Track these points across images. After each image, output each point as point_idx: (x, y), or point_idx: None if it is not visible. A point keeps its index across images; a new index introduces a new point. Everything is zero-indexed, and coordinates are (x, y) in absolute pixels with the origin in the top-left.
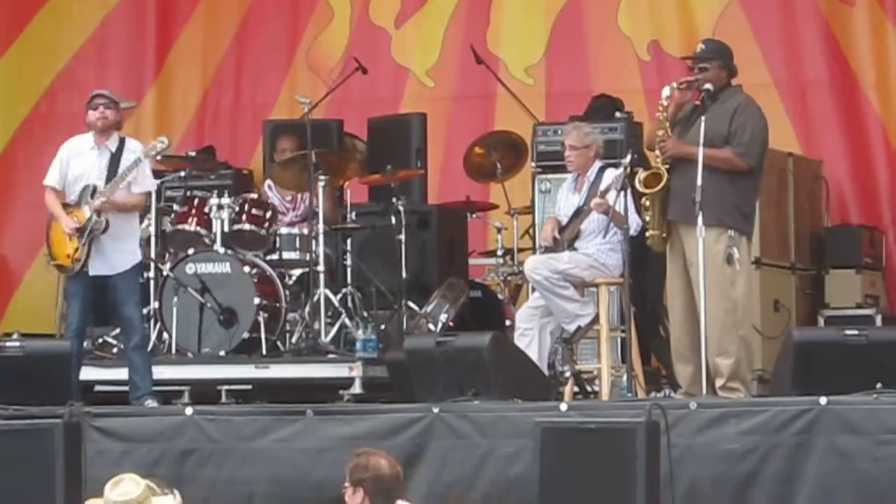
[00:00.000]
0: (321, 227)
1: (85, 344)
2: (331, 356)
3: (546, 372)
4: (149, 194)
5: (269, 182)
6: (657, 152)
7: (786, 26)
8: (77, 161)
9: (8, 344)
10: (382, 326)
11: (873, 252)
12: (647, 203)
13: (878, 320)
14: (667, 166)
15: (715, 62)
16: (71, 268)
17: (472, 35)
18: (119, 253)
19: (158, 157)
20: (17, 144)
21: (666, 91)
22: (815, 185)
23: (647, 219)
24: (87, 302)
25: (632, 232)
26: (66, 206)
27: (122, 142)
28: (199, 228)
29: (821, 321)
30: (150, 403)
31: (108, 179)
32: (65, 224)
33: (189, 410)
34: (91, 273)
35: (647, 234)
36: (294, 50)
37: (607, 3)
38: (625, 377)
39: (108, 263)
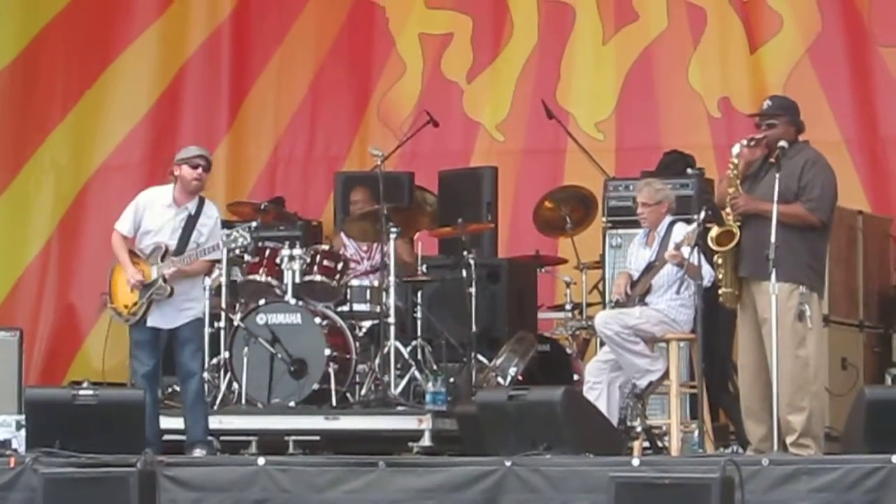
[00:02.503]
0: (392, 279)
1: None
2: (400, 408)
3: (616, 426)
4: (214, 263)
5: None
6: (728, 209)
7: (856, 84)
8: (152, 214)
9: (82, 392)
10: (452, 379)
11: None
12: (720, 261)
13: None
14: (738, 223)
15: (783, 118)
16: (126, 318)
17: (542, 89)
18: (177, 311)
19: (236, 252)
20: (88, 193)
21: (736, 149)
22: (885, 244)
23: (720, 276)
24: (154, 347)
25: (705, 283)
26: (132, 254)
27: (201, 203)
28: (269, 279)
29: (888, 379)
30: (199, 452)
31: (181, 240)
32: (129, 275)
33: (261, 461)
34: (149, 324)
35: (721, 291)
36: (366, 103)
37: (678, 59)
38: (696, 433)
39: (167, 319)
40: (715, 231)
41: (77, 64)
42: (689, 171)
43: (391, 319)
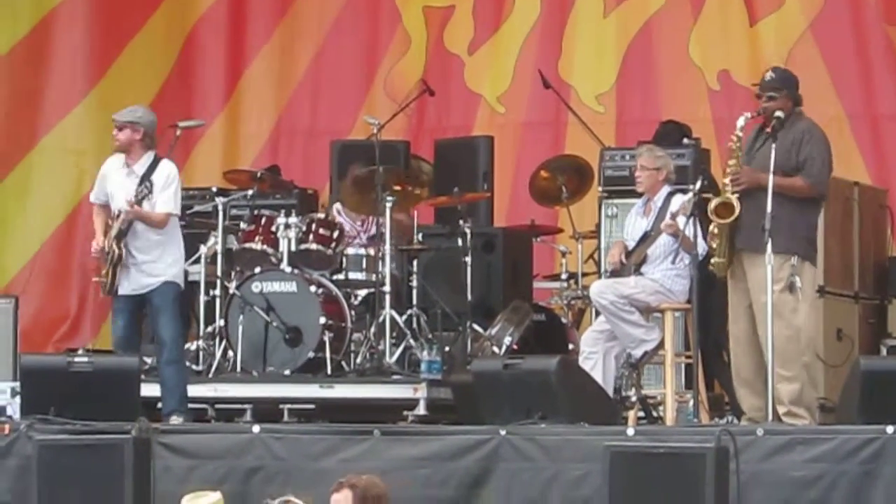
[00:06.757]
0: (388, 247)
1: (149, 361)
2: (395, 377)
3: (611, 396)
4: (168, 215)
5: (337, 206)
6: (726, 180)
7: (859, 59)
8: (110, 179)
9: (77, 359)
10: (447, 348)
11: None
12: (716, 231)
13: None
14: (737, 196)
15: (784, 91)
16: (101, 288)
17: (543, 63)
18: (143, 275)
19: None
20: None
21: (741, 121)
22: (880, 215)
23: (714, 246)
24: (131, 317)
25: (700, 255)
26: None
27: (154, 164)
28: (265, 247)
29: (883, 350)
30: (176, 420)
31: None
32: (93, 244)
33: (256, 428)
34: (121, 293)
35: (713, 261)
36: (372, 76)
37: (678, 32)
38: (690, 402)
39: (136, 284)
40: (714, 202)
41: (95, 44)
42: (686, 140)
43: (387, 288)
